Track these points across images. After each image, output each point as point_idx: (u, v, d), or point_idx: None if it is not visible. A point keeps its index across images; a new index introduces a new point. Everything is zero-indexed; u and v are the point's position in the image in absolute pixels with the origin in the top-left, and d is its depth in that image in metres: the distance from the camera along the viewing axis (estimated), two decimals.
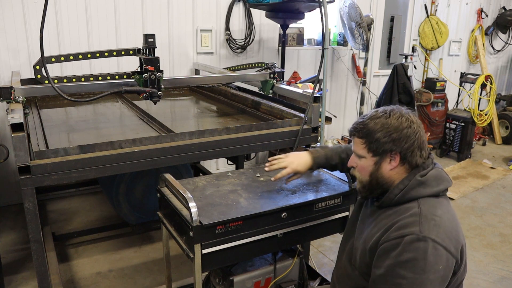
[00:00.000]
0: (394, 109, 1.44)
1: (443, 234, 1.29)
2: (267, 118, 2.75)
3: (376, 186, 1.47)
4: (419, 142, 1.40)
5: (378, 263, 1.34)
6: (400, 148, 1.39)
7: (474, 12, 6.82)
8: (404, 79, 4.42)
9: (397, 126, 1.39)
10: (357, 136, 1.47)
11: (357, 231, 1.57)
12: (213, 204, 1.73)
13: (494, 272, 3.12)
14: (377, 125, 1.41)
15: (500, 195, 4.54)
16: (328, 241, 3.40)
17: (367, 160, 1.45)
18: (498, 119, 6.67)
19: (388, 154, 1.41)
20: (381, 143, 1.40)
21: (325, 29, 2.53)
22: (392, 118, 1.41)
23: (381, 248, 1.34)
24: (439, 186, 1.41)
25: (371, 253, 1.40)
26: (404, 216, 1.35)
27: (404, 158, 1.41)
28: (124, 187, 2.98)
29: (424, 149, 1.43)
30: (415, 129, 1.40)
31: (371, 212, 1.52)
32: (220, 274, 1.99)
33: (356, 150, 1.49)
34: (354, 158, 1.51)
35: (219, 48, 4.45)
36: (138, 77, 2.37)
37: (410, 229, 1.29)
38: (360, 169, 1.50)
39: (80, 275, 2.86)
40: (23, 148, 1.78)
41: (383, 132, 1.40)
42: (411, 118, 1.42)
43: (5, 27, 3.46)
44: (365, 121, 1.45)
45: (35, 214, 1.84)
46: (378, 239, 1.37)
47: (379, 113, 1.44)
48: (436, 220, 1.31)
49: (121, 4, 3.86)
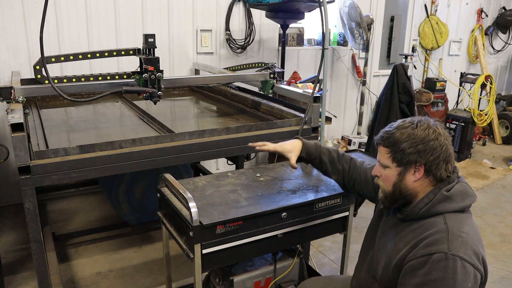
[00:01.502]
0: (422, 120, 1.41)
1: (471, 251, 1.28)
2: (267, 118, 2.75)
3: (399, 197, 1.45)
4: (445, 155, 1.38)
5: (405, 281, 1.32)
6: (425, 160, 1.37)
7: (474, 12, 6.82)
8: (404, 79, 4.41)
9: (423, 138, 1.37)
10: (383, 145, 1.45)
11: (379, 242, 1.55)
12: (213, 204, 1.73)
13: (494, 272, 3.12)
14: (403, 135, 1.39)
15: (500, 195, 4.54)
16: (328, 241, 3.40)
17: (391, 170, 1.43)
18: (498, 119, 6.67)
19: (412, 166, 1.39)
20: (406, 153, 1.38)
21: (325, 29, 2.53)
22: (419, 129, 1.38)
23: (408, 265, 1.32)
24: (464, 201, 1.39)
25: (396, 269, 1.38)
26: (431, 232, 1.33)
27: (428, 170, 1.38)
28: (124, 187, 2.97)
29: (450, 163, 1.40)
30: (442, 142, 1.37)
31: (393, 224, 1.50)
32: (220, 274, 1.99)
33: (381, 159, 1.47)
34: (379, 167, 1.49)
35: (219, 48, 4.45)
36: (138, 77, 2.37)
37: (438, 247, 1.28)
38: (384, 179, 1.48)
39: (80, 275, 2.86)
40: (23, 148, 1.78)
41: (409, 142, 1.37)
42: (439, 130, 1.39)
43: (5, 27, 3.46)
44: (391, 130, 1.43)
45: (35, 214, 1.84)
46: (404, 255, 1.35)
47: (406, 123, 1.42)
48: (463, 237, 1.29)
49: (121, 4, 3.86)
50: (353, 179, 1.81)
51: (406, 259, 1.34)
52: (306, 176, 2.11)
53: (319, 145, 1.87)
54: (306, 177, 2.10)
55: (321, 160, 1.85)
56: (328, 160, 1.85)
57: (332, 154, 1.86)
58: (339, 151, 1.89)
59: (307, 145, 1.85)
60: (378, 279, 1.49)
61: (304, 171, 2.17)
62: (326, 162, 1.85)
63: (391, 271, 1.40)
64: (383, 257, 1.47)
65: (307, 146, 1.84)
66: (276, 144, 1.85)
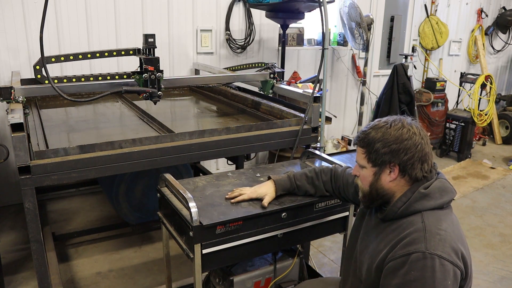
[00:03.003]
0: (397, 120, 1.40)
1: (449, 248, 1.28)
2: (267, 118, 2.75)
3: (377, 197, 1.45)
4: (420, 154, 1.36)
5: (386, 282, 1.32)
6: (399, 160, 1.36)
7: (474, 12, 6.82)
8: (404, 79, 4.42)
9: (397, 137, 1.36)
10: (359, 145, 1.45)
11: (361, 243, 1.55)
12: (213, 204, 1.73)
13: (494, 272, 3.12)
14: (377, 134, 1.39)
15: (500, 195, 4.54)
16: (328, 241, 3.40)
17: (368, 170, 1.44)
18: (498, 119, 6.67)
19: (387, 166, 1.39)
20: (380, 153, 1.37)
21: (325, 29, 2.53)
22: (392, 128, 1.37)
23: (388, 266, 1.32)
24: (443, 198, 1.38)
25: (378, 271, 1.38)
26: (409, 232, 1.33)
27: (403, 170, 1.37)
28: (124, 187, 2.97)
29: (426, 162, 1.38)
30: (417, 141, 1.36)
31: (375, 225, 1.50)
32: (220, 274, 1.99)
33: (358, 159, 1.48)
34: (357, 167, 1.50)
35: (219, 48, 4.45)
36: (138, 77, 2.37)
37: (415, 246, 1.28)
38: (361, 179, 1.48)
39: (80, 275, 2.86)
40: (23, 148, 1.78)
41: (382, 142, 1.37)
42: (413, 130, 1.37)
43: (5, 27, 3.46)
44: (367, 130, 1.43)
45: (35, 214, 1.84)
46: (384, 256, 1.35)
47: (381, 123, 1.41)
48: (441, 235, 1.29)
49: (121, 4, 3.86)
50: (337, 187, 1.81)
51: (386, 260, 1.34)
52: None
53: (292, 175, 1.86)
54: None
55: (298, 187, 1.85)
56: (306, 183, 1.84)
57: (308, 175, 1.85)
58: (315, 168, 1.88)
59: (279, 182, 1.83)
60: (363, 280, 1.48)
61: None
62: (305, 186, 1.84)
63: (373, 272, 1.40)
64: (366, 259, 1.47)
65: (280, 184, 1.82)
66: (251, 190, 1.81)
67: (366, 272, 1.46)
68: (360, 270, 1.51)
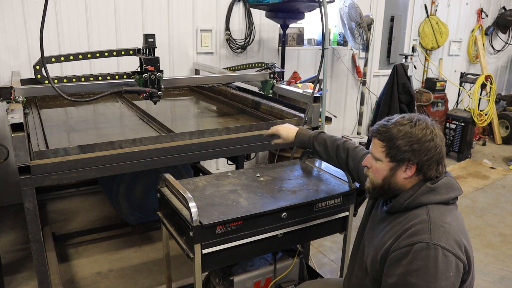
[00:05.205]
0: (421, 119, 1.41)
1: (452, 240, 1.29)
2: (267, 118, 2.75)
3: (388, 191, 1.46)
4: (438, 157, 1.39)
5: (389, 272, 1.33)
6: (419, 159, 1.38)
7: (474, 12, 6.82)
8: (404, 79, 4.41)
9: (420, 138, 1.37)
10: (378, 138, 1.45)
11: (367, 237, 1.56)
12: (213, 204, 1.73)
13: (494, 272, 3.12)
14: (400, 132, 1.39)
15: (500, 195, 4.54)
16: (328, 241, 3.40)
17: (383, 164, 1.44)
18: (498, 119, 6.67)
19: (405, 163, 1.40)
20: (401, 151, 1.38)
21: (325, 29, 2.53)
22: (417, 128, 1.38)
23: (392, 256, 1.34)
24: (449, 194, 1.40)
25: (382, 261, 1.39)
26: (414, 223, 1.34)
27: (420, 169, 1.39)
28: (124, 187, 2.97)
29: (441, 164, 1.41)
30: (437, 144, 1.38)
31: (381, 219, 1.52)
32: (220, 274, 1.99)
33: (374, 152, 1.47)
34: (370, 158, 1.50)
35: (219, 48, 4.45)
36: (138, 77, 2.37)
37: (419, 237, 1.29)
38: (374, 171, 1.48)
39: (80, 275, 2.86)
40: (23, 148, 1.78)
41: (405, 140, 1.38)
42: (436, 132, 1.39)
43: (5, 27, 3.46)
44: (389, 125, 1.43)
45: (35, 214, 1.84)
46: (388, 247, 1.37)
47: (404, 120, 1.41)
48: (445, 227, 1.31)
49: (121, 4, 3.86)
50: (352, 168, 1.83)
51: (390, 250, 1.36)
52: (306, 176, 2.11)
53: (314, 137, 1.94)
54: (306, 177, 2.10)
55: (315, 149, 1.94)
56: (323, 149, 1.91)
57: (327, 143, 1.91)
58: (339, 140, 1.90)
59: (300, 136, 1.97)
60: (368, 272, 1.50)
61: (304, 171, 2.18)
62: (320, 152, 1.92)
63: (378, 263, 1.41)
64: (371, 251, 1.49)
65: (299, 137, 1.97)
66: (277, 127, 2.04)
67: (371, 263, 1.47)
68: (366, 262, 1.52)
